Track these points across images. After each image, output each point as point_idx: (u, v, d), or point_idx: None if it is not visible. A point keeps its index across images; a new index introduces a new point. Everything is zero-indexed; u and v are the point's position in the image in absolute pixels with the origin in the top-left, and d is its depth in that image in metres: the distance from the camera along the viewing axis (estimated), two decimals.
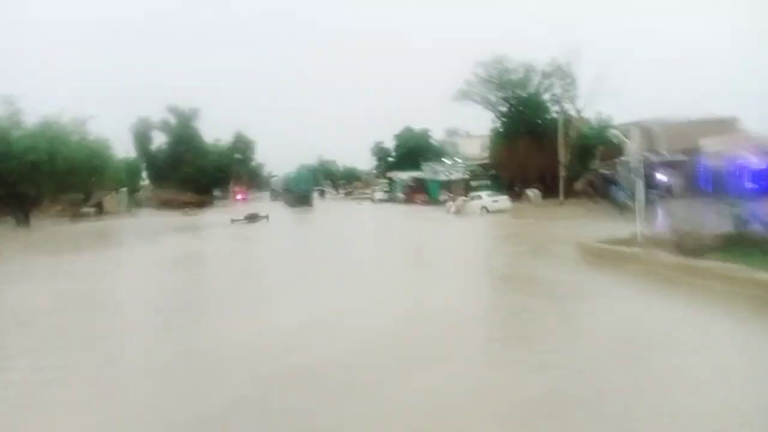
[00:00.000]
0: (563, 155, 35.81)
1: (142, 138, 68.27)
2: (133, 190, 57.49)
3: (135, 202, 56.45)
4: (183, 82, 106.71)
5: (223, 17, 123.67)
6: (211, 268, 14.96)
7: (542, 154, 38.02)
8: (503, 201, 33.23)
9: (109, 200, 48.41)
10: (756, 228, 11.47)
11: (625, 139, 38.35)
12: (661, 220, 13.52)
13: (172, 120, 67.79)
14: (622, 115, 37.95)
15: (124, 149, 61.93)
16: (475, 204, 33.46)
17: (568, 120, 38.03)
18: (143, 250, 20.07)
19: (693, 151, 34.60)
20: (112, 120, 68.56)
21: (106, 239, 24.92)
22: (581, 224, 21.85)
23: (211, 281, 12.64)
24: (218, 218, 36.66)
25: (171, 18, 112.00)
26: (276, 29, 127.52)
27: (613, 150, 37.58)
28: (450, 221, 30.26)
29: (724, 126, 37.45)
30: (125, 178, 52.96)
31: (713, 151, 33.25)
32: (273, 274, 13.06)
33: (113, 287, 12.16)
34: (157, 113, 66.82)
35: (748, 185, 34.46)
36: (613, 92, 36.70)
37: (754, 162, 33.78)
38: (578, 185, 37.19)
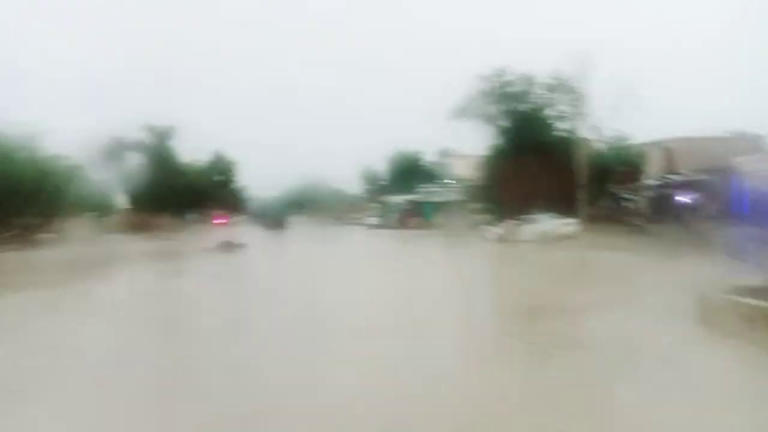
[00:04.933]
0: (582, 176, 31.94)
1: (115, 157, 64.16)
2: (103, 213, 52.77)
3: (104, 226, 51.81)
4: (162, 100, 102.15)
5: (204, 32, 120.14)
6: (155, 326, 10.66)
7: (548, 174, 34.31)
8: (570, 225, 26.73)
9: (72, 225, 43.72)
10: None
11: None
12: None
13: (148, 139, 63.73)
14: (641, 134, 34.69)
15: (96, 170, 57.98)
16: (532, 229, 26.97)
17: (581, 138, 34.46)
18: (79, 292, 15.76)
19: (719, 171, 31.23)
20: (84, 137, 64.33)
21: (37, 273, 20.33)
22: (647, 260, 17.78)
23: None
24: (189, 245, 32.47)
25: (150, 32, 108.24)
26: (261, 45, 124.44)
27: (633, 171, 34.12)
28: (500, 255, 23.32)
29: (749, 143, 34.22)
30: (91, 200, 48.44)
31: (747, 170, 29.84)
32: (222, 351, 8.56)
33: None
34: (132, 131, 62.59)
35: None
36: (634, 108, 33.01)
37: None
38: (595, 210, 33.60)
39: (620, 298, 11.43)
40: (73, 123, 61.76)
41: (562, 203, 34.26)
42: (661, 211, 31.82)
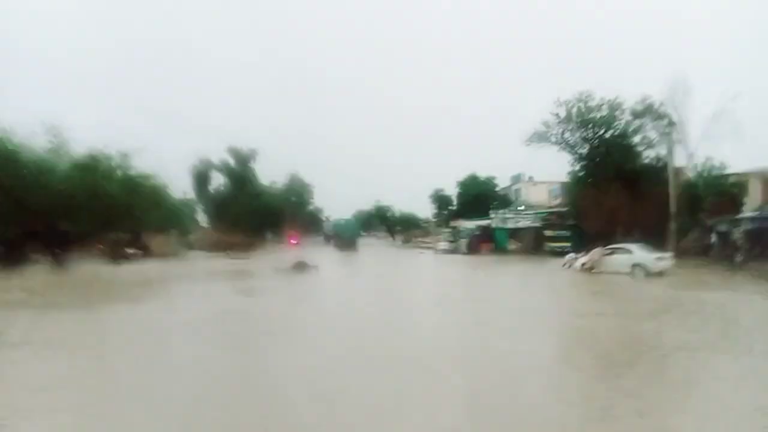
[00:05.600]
0: (671, 206, 30.00)
1: (200, 178, 67.26)
2: (185, 231, 55.06)
3: (185, 243, 54.11)
4: (242, 123, 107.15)
5: (281, 59, 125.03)
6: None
7: (633, 203, 32.50)
8: (666, 259, 24.25)
9: (156, 241, 45.99)
10: None
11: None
12: None
13: (232, 161, 66.49)
14: (740, 162, 32.24)
15: (182, 189, 60.93)
16: (621, 260, 24.47)
17: (671, 166, 32.52)
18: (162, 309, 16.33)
19: None
20: (171, 158, 68.41)
21: (121, 290, 21.28)
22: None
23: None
24: (264, 264, 33.21)
25: (231, 57, 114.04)
26: (335, 71, 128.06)
27: (729, 202, 31.65)
28: (589, 286, 21.41)
29: None
30: (175, 218, 50.70)
31: None
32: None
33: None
34: (215, 153, 65.76)
35: None
36: (731, 134, 30.59)
37: None
38: (685, 243, 31.41)
39: (735, 343, 10.35)
40: (161, 143, 65.82)
41: (649, 234, 32.33)
42: (761, 246, 29.27)
